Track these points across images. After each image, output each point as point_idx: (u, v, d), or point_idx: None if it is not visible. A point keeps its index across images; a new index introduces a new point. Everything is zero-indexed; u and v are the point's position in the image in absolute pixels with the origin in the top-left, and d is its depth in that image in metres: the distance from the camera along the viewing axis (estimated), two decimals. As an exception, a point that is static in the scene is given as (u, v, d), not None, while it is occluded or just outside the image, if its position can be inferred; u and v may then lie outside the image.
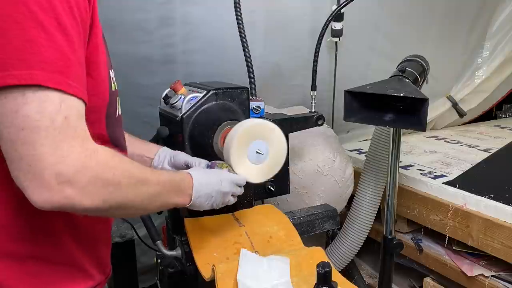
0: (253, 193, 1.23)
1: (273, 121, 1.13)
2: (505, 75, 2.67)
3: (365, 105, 1.29)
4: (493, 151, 2.05)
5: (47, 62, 0.58)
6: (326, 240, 1.81)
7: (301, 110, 1.72)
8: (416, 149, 2.15)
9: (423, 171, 1.79)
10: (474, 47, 2.53)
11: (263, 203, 1.34)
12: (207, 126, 1.10)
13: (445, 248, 1.62)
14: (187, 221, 1.11)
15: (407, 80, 1.31)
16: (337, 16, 1.84)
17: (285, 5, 1.79)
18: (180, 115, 1.09)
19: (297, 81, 1.94)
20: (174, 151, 1.09)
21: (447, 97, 2.55)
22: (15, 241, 0.70)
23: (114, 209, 0.68)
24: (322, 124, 1.38)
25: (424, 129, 1.21)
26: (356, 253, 1.75)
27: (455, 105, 2.57)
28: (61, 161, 0.58)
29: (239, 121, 1.06)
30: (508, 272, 1.44)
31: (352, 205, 1.74)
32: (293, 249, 1.08)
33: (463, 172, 1.76)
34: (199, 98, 1.10)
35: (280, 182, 1.28)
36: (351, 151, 2.13)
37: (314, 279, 0.79)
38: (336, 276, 0.88)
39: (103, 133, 0.77)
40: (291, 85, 1.95)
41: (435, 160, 1.95)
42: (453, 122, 2.69)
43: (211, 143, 1.10)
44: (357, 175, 1.73)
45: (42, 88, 0.58)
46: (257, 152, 1.02)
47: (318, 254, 1.04)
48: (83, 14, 0.64)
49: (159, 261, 1.19)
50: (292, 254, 1.01)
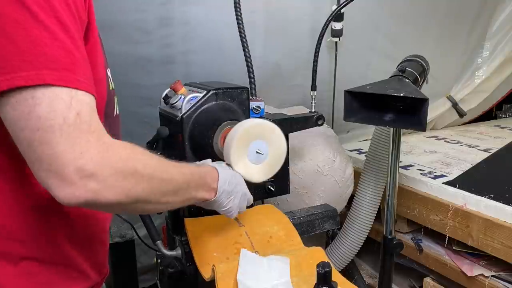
0: (253, 193, 1.23)
1: (273, 121, 1.13)
2: (505, 75, 2.66)
3: (365, 105, 1.29)
4: (493, 151, 2.05)
5: (53, 60, 0.58)
6: (326, 240, 1.81)
7: (301, 110, 1.71)
8: (416, 149, 2.15)
9: (423, 171, 1.79)
10: (474, 47, 2.53)
11: (263, 203, 1.34)
12: (207, 126, 1.10)
13: (445, 248, 1.62)
14: (187, 221, 1.11)
15: (407, 80, 1.31)
16: (337, 16, 1.83)
17: (285, 5, 1.79)
18: (180, 115, 1.09)
19: (297, 81, 1.94)
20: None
21: (447, 97, 2.55)
22: (10, 241, 0.70)
23: (137, 202, 0.67)
24: (322, 124, 1.38)
25: (424, 129, 1.21)
26: (356, 253, 1.75)
27: (455, 105, 2.56)
28: (80, 157, 0.58)
29: (239, 121, 1.06)
30: (508, 272, 1.44)
31: (352, 205, 1.74)
32: (293, 249, 1.08)
33: (463, 172, 1.76)
34: (199, 98, 1.10)
35: (280, 182, 1.28)
36: (351, 151, 2.13)
37: (314, 279, 0.79)
38: (336, 276, 0.88)
39: None
40: (291, 85, 1.95)
41: (435, 160, 1.95)
42: (453, 122, 2.69)
43: (211, 143, 1.10)
44: (357, 175, 1.73)
45: (51, 87, 0.58)
46: (257, 152, 1.02)
47: (318, 254, 1.04)
48: (80, 12, 0.64)
49: (159, 261, 1.19)
50: (292, 254, 1.01)
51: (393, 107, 1.29)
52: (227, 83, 1.21)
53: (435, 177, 1.71)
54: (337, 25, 1.87)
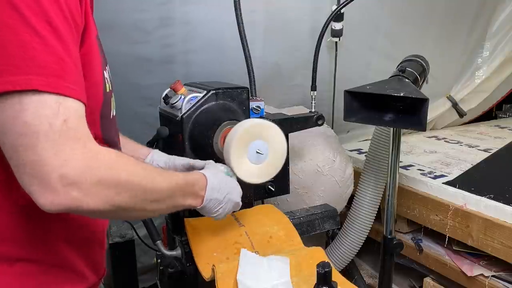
0: (253, 193, 1.23)
1: (273, 121, 1.13)
2: (505, 75, 2.66)
3: (365, 105, 1.29)
4: (493, 151, 2.05)
5: (42, 66, 0.58)
6: (326, 240, 1.81)
7: (301, 110, 1.71)
8: (416, 149, 2.15)
9: (423, 171, 1.79)
10: (474, 47, 2.53)
11: (263, 203, 1.34)
12: (207, 126, 1.10)
13: (445, 248, 1.62)
14: (187, 221, 1.11)
15: (407, 80, 1.31)
16: (337, 16, 1.84)
17: (285, 5, 1.79)
18: (180, 115, 1.09)
19: (297, 81, 1.94)
20: (170, 156, 1.08)
21: (447, 97, 2.55)
22: (7, 242, 0.70)
23: (121, 210, 0.67)
24: (322, 124, 1.38)
25: (424, 129, 1.21)
26: (356, 253, 1.75)
27: (455, 105, 2.56)
28: (64, 164, 0.58)
29: (239, 121, 1.06)
30: (508, 272, 1.44)
31: (352, 205, 1.74)
32: (293, 249, 1.08)
33: (463, 172, 1.76)
34: (199, 98, 1.10)
35: (280, 182, 1.28)
36: (351, 151, 2.13)
37: (314, 279, 0.79)
38: (336, 276, 0.88)
39: (98, 134, 0.77)
40: (291, 85, 1.95)
41: (435, 160, 1.95)
42: (453, 122, 2.69)
43: (211, 143, 1.10)
44: (357, 175, 1.73)
45: (39, 93, 0.58)
46: (257, 152, 1.02)
47: (318, 254, 1.04)
48: (74, 16, 0.64)
49: (159, 261, 1.19)
50: (292, 254, 1.01)
51: (393, 107, 1.29)
52: (227, 83, 1.21)
53: (435, 177, 1.71)
54: (337, 25, 1.87)
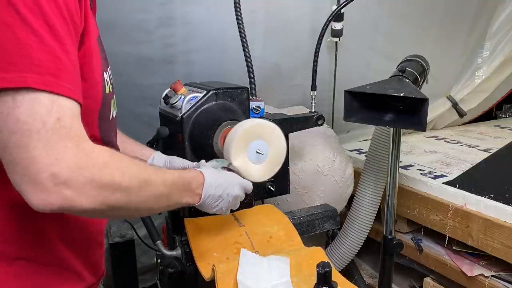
0: (253, 193, 1.23)
1: (273, 121, 1.13)
2: (505, 75, 2.66)
3: (365, 105, 1.29)
4: (493, 151, 2.05)
5: (37, 64, 0.58)
6: (326, 240, 1.81)
7: (301, 110, 1.72)
8: (416, 149, 2.15)
9: (423, 171, 1.79)
10: (474, 47, 2.53)
11: (263, 203, 1.34)
12: (207, 126, 1.10)
13: (445, 248, 1.62)
14: (187, 221, 1.11)
15: (407, 80, 1.31)
16: (337, 16, 1.83)
17: (285, 5, 1.79)
18: (180, 115, 1.09)
19: (297, 81, 1.94)
20: (169, 156, 1.08)
21: (447, 97, 2.55)
22: (5, 242, 0.70)
23: (114, 210, 0.67)
24: (322, 124, 1.38)
25: (424, 129, 1.21)
26: (356, 253, 1.75)
27: (455, 105, 2.56)
28: (55, 163, 0.58)
29: (239, 121, 1.06)
30: (508, 272, 1.44)
31: (352, 205, 1.74)
32: (293, 249, 1.08)
33: (463, 172, 1.76)
34: (199, 98, 1.11)
35: (280, 182, 1.28)
36: (351, 151, 2.13)
37: (314, 279, 0.79)
38: (336, 276, 0.88)
39: (96, 135, 0.77)
40: (291, 85, 1.95)
41: (435, 160, 1.95)
42: (453, 122, 2.69)
43: (211, 143, 1.10)
44: (357, 175, 1.73)
45: (33, 91, 0.57)
46: (257, 152, 1.03)
47: (318, 254, 1.04)
48: (73, 17, 0.64)
49: (159, 261, 1.19)
50: (292, 254, 1.01)
51: (393, 107, 1.29)
52: (227, 83, 1.21)
53: (435, 177, 1.71)
54: (337, 25, 1.87)
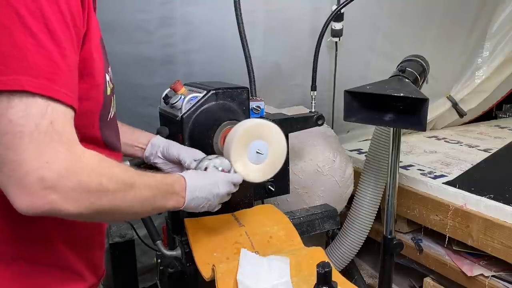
0: (253, 193, 1.23)
1: (273, 121, 1.13)
2: (505, 75, 2.66)
3: (365, 105, 1.29)
4: (493, 151, 2.05)
5: (33, 68, 0.58)
6: (326, 240, 1.81)
7: (301, 110, 1.72)
8: (416, 149, 2.15)
9: (423, 171, 1.79)
10: (474, 47, 2.53)
11: (263, 203, 1.34)
12: (207, 126, 1.10)
13: (445, 248, 1.62)
14: (187, 221, 1.12)
15: (407, 80, 1.31)
16: (337, 16, 1.83)
17: (285, 5, 1.79)
18: (180, 115, 1.09)
19: (297, 81, 1.94)
20: (168, 141, 1.08)
21: (447, 97, 2.55)
22: (5, 242, 0.70)
23: (100, 214, 0.67)
24: (322, 124, 1.38)
25: (424, 129, 1.21)
26: (356, 253, 1.75)
27: (455, 105, 2.56)
28: (44, 166, 0.58)
29: (239, 121, 1.06)
30: (508, 272, 1.44)
31: (352, 205, 1.74)
32: (293, 249, 1.08)
33: (463, 172, 1.76)
34: (199, 98, 1.11)
35: (280, 182, 1.28)
36: (351, 151, 2.13)
37: (314, 279, 0.79)
38: (336, 276, 0.88)
39: (97, 136, 0.77)
40: (291, 85, 1.95)
41: (435, 160, 1.95)
42: (453, 122, 2.69)
43: (211, 143, 1.10)
44: (357, 175, 1.73)
45: (28, 94, 0.57)
46: (257, 152, 1.02)
47: (318, 254, 1.04)
48: (76, 20, 0.63)
49: (159, 261, 1.19)
50: (292, 254, 1.01)
51: (393, 107, 1.29)
52: (227, 83, 1.21)
53: (435, 177, 1.71)
54: (337, 25, 1.87)
